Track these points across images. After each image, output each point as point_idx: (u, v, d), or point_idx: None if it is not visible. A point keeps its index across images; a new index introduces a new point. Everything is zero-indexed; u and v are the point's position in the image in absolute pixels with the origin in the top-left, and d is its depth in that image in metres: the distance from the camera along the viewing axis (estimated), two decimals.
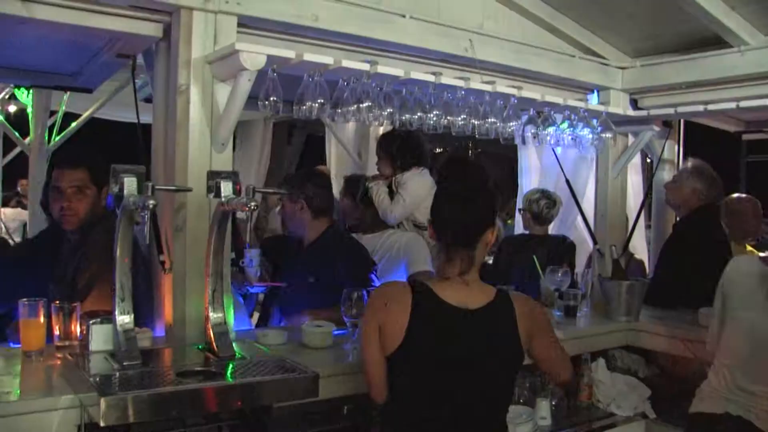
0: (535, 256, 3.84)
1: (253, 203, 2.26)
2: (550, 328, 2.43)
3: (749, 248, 4.14)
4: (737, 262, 2.85)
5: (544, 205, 4.41)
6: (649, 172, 5.29)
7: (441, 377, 2.19)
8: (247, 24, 2.93)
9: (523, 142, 3.45)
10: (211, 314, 2.46)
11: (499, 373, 2.25)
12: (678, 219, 4.61)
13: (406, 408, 2.25)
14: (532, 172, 5.44)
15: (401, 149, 4.12)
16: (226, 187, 2.38)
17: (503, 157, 8.36)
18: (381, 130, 5.14)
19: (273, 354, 2.54)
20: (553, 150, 4.44)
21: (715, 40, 3.72)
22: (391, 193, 4.07)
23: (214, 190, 2.40)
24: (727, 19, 3.48)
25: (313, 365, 2.38)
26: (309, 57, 2.71)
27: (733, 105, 3.64)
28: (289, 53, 2.69)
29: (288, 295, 3.50)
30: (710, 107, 3.74)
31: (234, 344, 2.50)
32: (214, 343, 2.43)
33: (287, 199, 3.56)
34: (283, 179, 4.27)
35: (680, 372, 3.52)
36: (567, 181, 4.42)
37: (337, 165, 6.75)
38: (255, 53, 2.55)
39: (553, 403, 3.15)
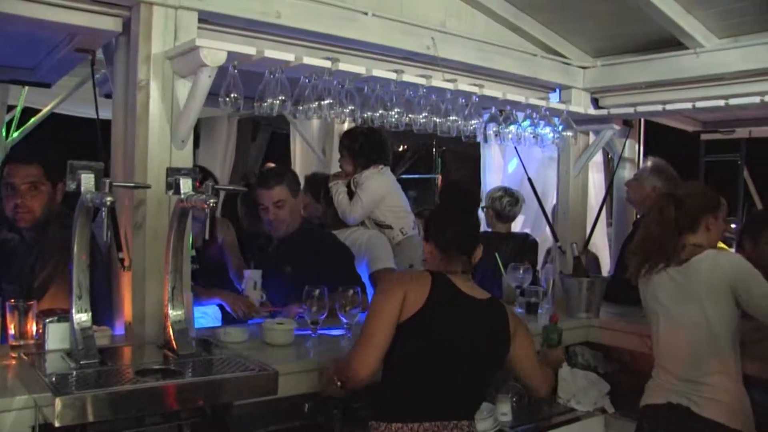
0: (497, 254, 3.87)
1: (212, 200, 2.24)
2: (532, 341, 2.67)
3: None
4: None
5: (506, 203, 4.45)
6: (610, 171, 5.35)
7: (446, 350, 2.41)
8: (208, 20, 2.91)
9: (485, 140, 3.48)
10: (170, 312, 2.43)
11: (490, 362, 2.53)
12: (638, 216, 4.67)
13: (403, 378, 2.43)
14: (496, 170, 5.48)
15: (363, 146, 4.11)
16: (186, 184, 2.36)
17: (467, 155, 8.40)
18: (345, 127, 5.14)
19: (233, 352, 2.53)
20: (516, 148, 4.48)
21: (673, 41, 3.77)
22: (351, 193, 4.06)
23: (174, 186, 2.38)
24: (683, 21, 3.54)
25: (274, 363, 2.37)
26: (270, 54, 2.71)
27: (689, 105, 3.71)
28: (250, 50, 2.68)
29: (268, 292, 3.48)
30: (668, 107, 3.80)
31: (194, 342, 2.48)
32: (173, 341, 2.41)
33: (290, 195, 3.49)
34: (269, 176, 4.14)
35: (639, 367, 3.55)
36: (529, 180, 4.46)
37: (301, 162, 6.72)
38: (215, 49, 2.54)
39: (514, 399, 3.17)
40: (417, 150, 9.71)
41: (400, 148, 9.41)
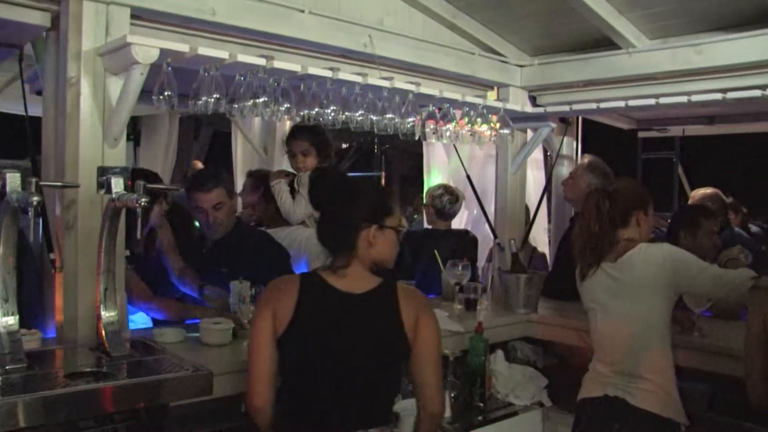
0: (436, 251, 3.89)
1: (143, 200, 2.21)
2: (436, 341, 2.34)
3: None
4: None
5: (446, 201, 4.49)
6: (550, 168, 5.44)
7: (327, 355, 2.22)
8: (141, 16, 2.86)
9: (423, 138, 3.50)
10: (103, 313, 2.40)
11: (383, 357, 2.27)
12: (575, 213, 4.74)
13: (295, 392, 2.27)
14: (438, 168, 5.51)
15: (325, 142, 4.08)
16: (117, 183, 2.33)
17: (411, 153, 8.45)
18: (287, 126, 5.10)
19: (169, 353, 2.50)
20: (455, 146, 4.51)
21: (608, 41, 3.85)
22: (293, 192, 4.03)
23: (105, 186, 2.34)
24: (616, 22, 3.62)
25: (211, 363, 2.35)
26: (203, 51, 2.68)
27: (622, 104, 3.78)
28: (183, 47, 2.64)
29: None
30: (602, 105, 3.87)
31: (128, 343, 2.45)
32: (106, 343, 2.38)
33: (227, 197, 3.43)
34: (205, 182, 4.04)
35: (576, 361, 3.62)
36: (468, 177, 4.50)
37: (243, 161, 6.67)
38: (147, 46, 2.50)
39: (452, 395, 3.20)
40: (360, 147, 9.71)
41: (344, 146, 9.39)
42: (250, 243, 3.44)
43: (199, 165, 7.13)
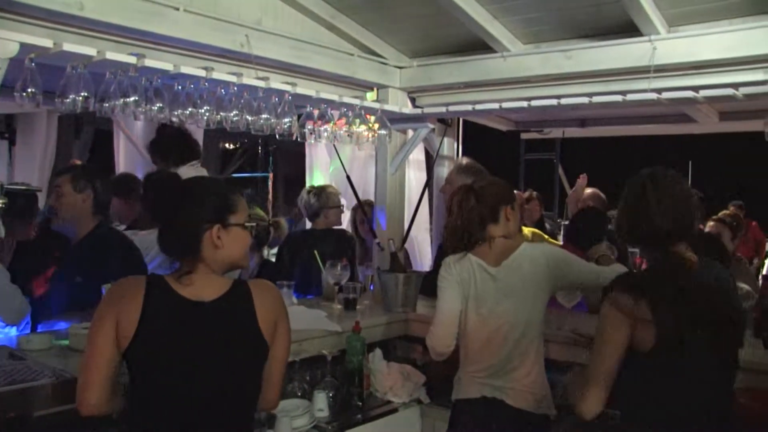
0: (316, 251, 3.90)
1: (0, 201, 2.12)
2: (286, 345, 2.24)
3: (526, 231, 4.43)
4: (462, 260, 2.93)
5: (314, 201, 4.51)
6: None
7: (178, 370, 2.05)
8: (4, 8, 2.71)
9: (301, 138, 3.50)
10: None
11: (242, 365, 2.13)
12: None
13: (145, 411, 2.08)
14: (321, 168, 5.52)
15: (172, 145, 4.02)
16: None
17: (298, 154, 8.43)
18: None
19: (34, 360, 2.40)
20: (335, 147, 4.53)
21: (485, 45, 3.94)
22: None
23: None
24: (490, 26, 3.71)
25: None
26: (69, 47, 2.59)
27: (496, 106, 3.90)
28: (47, 42, 2.55)
29: (51, 297, 3.30)
30: (477, 107, 3.97)
31: None
32: None
33: (71, 189, 3.31)
34: (64, 168, 3.92)
35: (454, 358, 3.70)
36: (348, 178, 4.53)
37: (125, 161, 6.48)
38: (5, 39, 2.40)
39: (331, 394, 3.20)
40: (248, 148, 9.62)
41: (231, 146, 9.29)
42: (102, 244, 3.34)
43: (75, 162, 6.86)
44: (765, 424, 2.60)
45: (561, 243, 4.70)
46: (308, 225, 4.91)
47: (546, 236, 4.77)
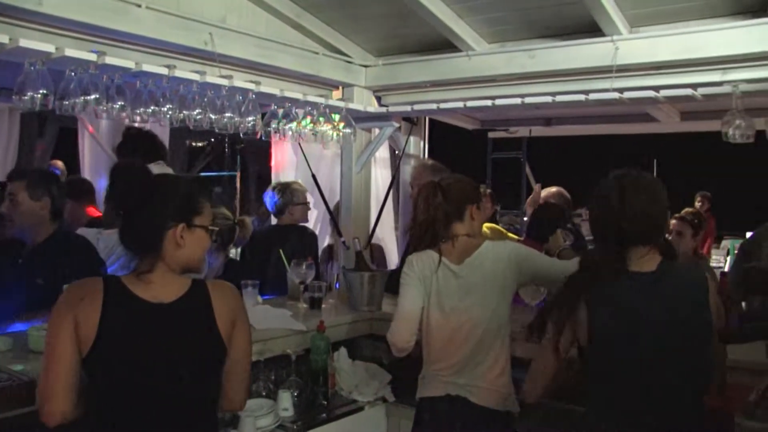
0: (281, 250, 3.88)
1: None
2: (247, 346, 2.22)
3: (486, 227, 4.44)
4: (424, 258, 2.91)
5: (278, 198, 4.50)
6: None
7: (139, 375, 2.01)
8: None
9: (265, 136, 3.49)
10: None
11: (202, 367, 2.10)
12: None
13: (105, 415, 2.03)
14: (287, 167, 5.51)
15: (140, 145, 3.99)
16: None
17: (263, 152, 8.39)
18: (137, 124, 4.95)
19: None
20: (300, 145, 4.53)
21: (450, 44, 3.97)
22: None
23: None
24: (455, 26, 3.74)
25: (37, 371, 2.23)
26: (25, 43, 2.55)
27: (461, 104, 3.92)
28: (3, 37, 2.51)
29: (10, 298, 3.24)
30: (442, 106, 3.99)
31: None
32: None
33: (27, 197, 3.26)
34: (15, 174, 3.89)
35: (419, 356, 3.72)
36: (313, 176, 4.52)
37: (90, 160, 6.39)
38: None
39: (295, 394, 3.19)
40: (215, 147, 9.54)
41: (198, 145, 9.22)
42: (60, 247, 3.29)
43: (60, 164, 6.76)
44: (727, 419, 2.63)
45: (522, 238, 4.73)
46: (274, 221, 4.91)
47: (504, 231, 4.79)
